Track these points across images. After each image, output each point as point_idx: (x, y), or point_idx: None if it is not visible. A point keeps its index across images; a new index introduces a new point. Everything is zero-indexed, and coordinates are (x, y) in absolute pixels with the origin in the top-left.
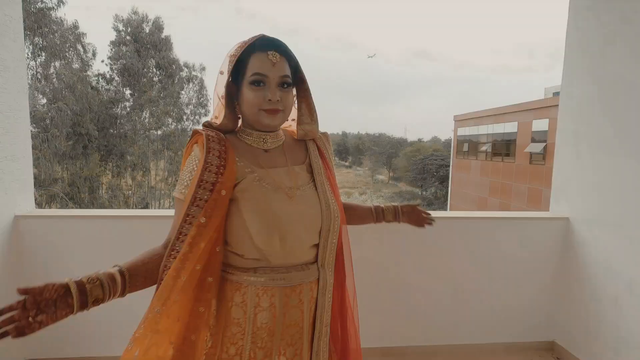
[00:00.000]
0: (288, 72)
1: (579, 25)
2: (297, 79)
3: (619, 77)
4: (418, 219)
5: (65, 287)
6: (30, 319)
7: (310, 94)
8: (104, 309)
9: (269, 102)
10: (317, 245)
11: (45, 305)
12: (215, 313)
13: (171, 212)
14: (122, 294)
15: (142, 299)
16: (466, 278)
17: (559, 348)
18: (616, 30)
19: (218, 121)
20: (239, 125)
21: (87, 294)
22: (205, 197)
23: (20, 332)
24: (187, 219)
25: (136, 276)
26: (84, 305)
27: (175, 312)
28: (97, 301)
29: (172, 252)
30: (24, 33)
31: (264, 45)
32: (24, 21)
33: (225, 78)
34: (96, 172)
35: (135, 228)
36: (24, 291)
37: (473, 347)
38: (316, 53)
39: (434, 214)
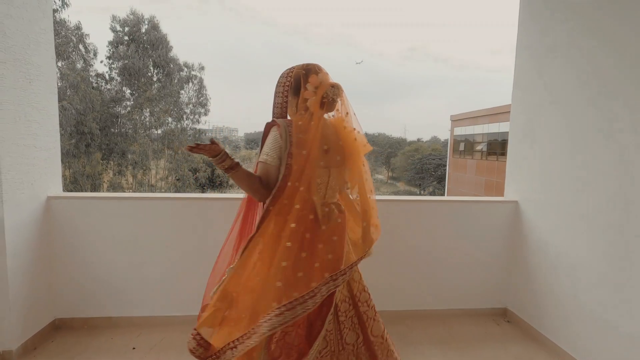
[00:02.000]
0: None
1: (527, 32)
2: None
3: (561, 80)
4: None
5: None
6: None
7: None
8: (122, 278)
9: None
10: None
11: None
12: None
13: (180, 195)
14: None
15: (154, 274)
16: (431, 252)
17: (510, 313)
18: (558, 38)
19: None
20: None
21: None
22: None
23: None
24: None
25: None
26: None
27: None
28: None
29: None
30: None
31: None
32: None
33: None
34: (98, 170)
35: (147, 208)
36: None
37: (436, 312)
38: (316, 52)
39: (402, 197)
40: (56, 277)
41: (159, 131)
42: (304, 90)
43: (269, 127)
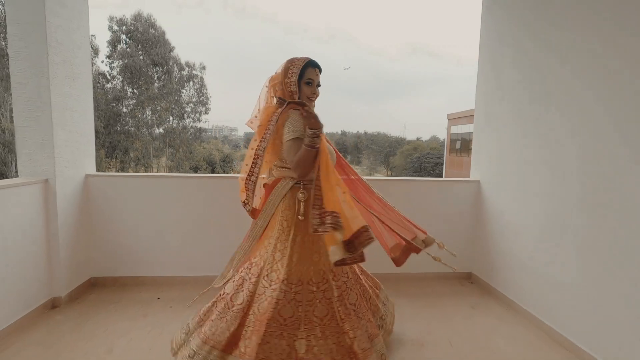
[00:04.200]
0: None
1: (487, 37)
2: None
3: (511, 80)
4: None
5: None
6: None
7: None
8: (147, 244)
9: (313, 93)
10: None
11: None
12: None
13: (194, 174)
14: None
15: (172, 241)
16: None
17: (474, 277)
18: (510, 46)
19: (288, 99)
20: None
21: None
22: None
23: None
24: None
25: None
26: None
27: None
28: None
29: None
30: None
31: (313, 64)
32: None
33: (293, 79)
34: (102, 168)
35: (167, 185)
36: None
37: (410, 275)
38: (315, 50)
39: (383, 177)
40: (92, 242)
41: (161, 129)
42: None
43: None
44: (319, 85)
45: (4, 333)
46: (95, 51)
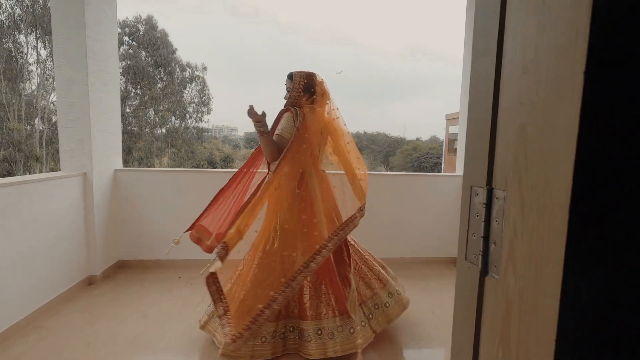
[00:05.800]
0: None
1: (469, 37)
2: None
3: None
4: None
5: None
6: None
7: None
8: (167, 230)
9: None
10: None
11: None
12: None
13: (205, 169)
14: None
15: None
16: (399, 214)
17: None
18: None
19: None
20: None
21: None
22: None
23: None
24: None
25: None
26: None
27: None
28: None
29: None
30: (46, 37)
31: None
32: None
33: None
34: None
35: (183, 177)
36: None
37: (403, 260)
38: (316, 51)
39: (377, 172)
40: (120, 229)
41: (163, 129)
42: (317, 94)
43: (283, 112)
44: (287, 91)
45: (51, 304)
46: None
